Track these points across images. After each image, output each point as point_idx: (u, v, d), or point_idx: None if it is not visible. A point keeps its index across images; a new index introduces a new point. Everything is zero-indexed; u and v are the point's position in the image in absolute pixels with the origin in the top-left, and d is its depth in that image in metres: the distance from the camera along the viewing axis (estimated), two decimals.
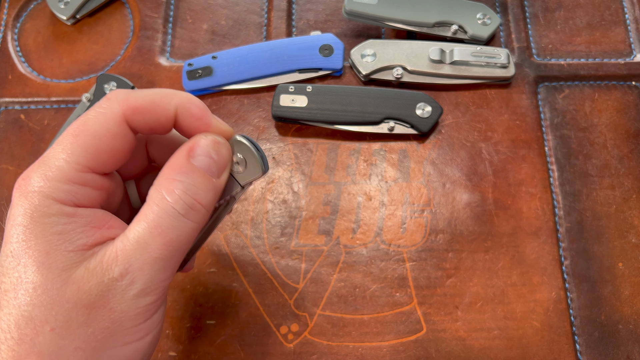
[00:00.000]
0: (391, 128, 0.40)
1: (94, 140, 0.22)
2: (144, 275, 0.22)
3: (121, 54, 0.44)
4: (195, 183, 0.23)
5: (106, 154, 0.23)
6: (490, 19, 0.42)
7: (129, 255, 0.22)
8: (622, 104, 0.41)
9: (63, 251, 0.21)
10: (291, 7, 0.45)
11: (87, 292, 0.21)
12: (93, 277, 0.22)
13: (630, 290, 0.36)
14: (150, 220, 0.22)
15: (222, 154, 0.24)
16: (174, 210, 0.22)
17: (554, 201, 0.39)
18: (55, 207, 0.22)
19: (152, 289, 0.23)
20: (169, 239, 0.22)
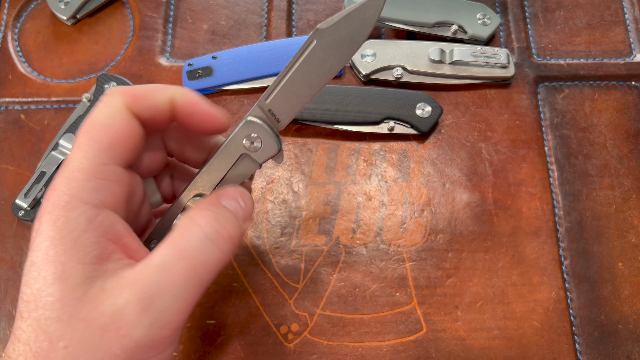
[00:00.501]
0: (391, 128, 0.40)
1: (105, 130, 0.23)
2: (163, 302, 0.21)
3: (121, 54, 0.44)
4: (225, 215, 0.24)
5: (120, 141, 0.23)
6: (490, 19, 0.42)
7: (150, 278, 0.21)
8: (622, 104, 0.41)
9: (77, 263, 0.21)
10: (291, 7, 0.45)
11: (101, 313, 0.21)
12: (109, 297, 0.21)
13: (630, 290, 0.36)
14: (178, 243, 0.22)
15: (248, 203, 0.25)
16: (202, 234, 0.22)
17: (554, 201, 0.39)
18: (80, 208, 0.22)
19: (168, 320, 0.22)
20: (193, 263, 0.22)
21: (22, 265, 0.38)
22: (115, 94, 0.24)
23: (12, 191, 0.40)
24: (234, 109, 0.42)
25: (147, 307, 0.21)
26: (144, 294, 0.21)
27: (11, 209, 0.39)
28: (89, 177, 0.22)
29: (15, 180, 0.40)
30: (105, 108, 0.24)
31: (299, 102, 0.24)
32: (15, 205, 0.38)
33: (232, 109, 0.42)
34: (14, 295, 0.37)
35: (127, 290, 0.21)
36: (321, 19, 0.45)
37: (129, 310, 0.21)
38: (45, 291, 0.21)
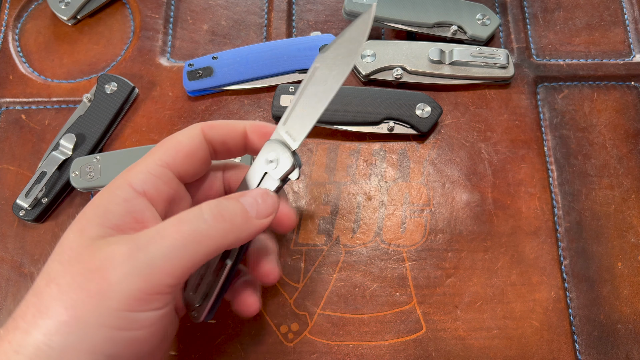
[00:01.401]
0: (391, 128, 0.40)
1: (175, 144, 0.28)
2: (148, 254, 0.23)
3: (122, 54, 0.44)
4: (230, 206, 0.26)
5: (182, 155, 0.27)
6: (490, 20, 0.42)
7: (144, 235, 0.24)
8: (621, 104, 0.42)
9: (97, 223, 0.24)
10: (291, 7, 0.45)
11: (95, 257, 0.23)
12: (106, 246, 0.23)
13: (629, 290, 0.36)
14: (177, 215, 0.25)
15: (267, 202, 0.27)
16: (199, 212, 0.25)
17: (553, 201, 0.39)
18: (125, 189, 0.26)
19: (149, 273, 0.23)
20: (185, 229, 0.24)
21: (23, 265, 0.38)
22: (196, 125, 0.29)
23: (12, 191, 0.40)
24: (234, 109, 0.42)
25: (131, 255, 0.23)
26: (134, 245, 0.23)
27: (12, 208, 0.39)
28: (144, 169, 0.27)
29: (16, 180, 0.40)
30: (185, 133, 0.28)
31: (309, 122, 0.27)
32: (15, 205, 0.38)
33: (232, 109, 0.42)
34: (14, 295, 0.37)
35: (124, 243, 0.24)
36: (321, 19, 0.45)
37: (116, 256, 0.23)
38: (67, 240, 0.25)
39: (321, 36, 0.42)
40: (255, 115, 0.42)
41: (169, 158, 0.27)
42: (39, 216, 0.38)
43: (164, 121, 0.42)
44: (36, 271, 0.38)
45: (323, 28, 0.45)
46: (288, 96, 0.40)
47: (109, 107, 0.41)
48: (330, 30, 0.44)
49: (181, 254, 0.24)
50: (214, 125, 0.29)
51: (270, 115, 0.41)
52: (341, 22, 0.45)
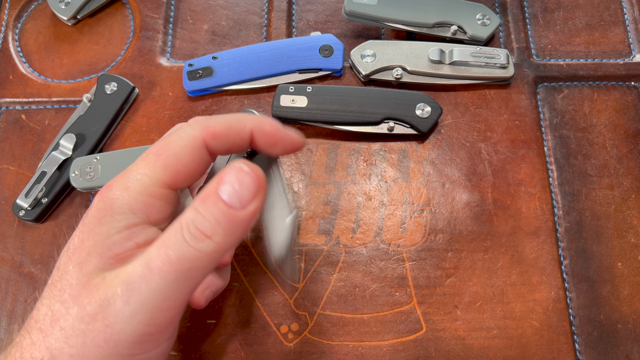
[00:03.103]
0: (391, 128, 0.40)
1: (174, 161, 0.24)
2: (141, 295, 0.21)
3: (122, 54, 0.44)
4: (207, 215, 0.23)
5: (183, 174, 0.25)
6: (490, 20, 0.42)
7: (134, 271, 0.22)
8: (621, 104, 0.42)
9: (97, 254, 0.23)
10: (291, 7, 0.45)
11: (92, 301, 0.22)
12: (103, 287, 0.22)
13: (629, 290, 0.36)
14: (160, 240, 0.23)
15: (245, 184, 0.23)
16: (180, 235, 0.22)
17: (553, 201, 0.39)
18: (126, 215, 0.23)
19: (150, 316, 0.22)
20: (171, 259, 0.22)
21: (23, 265, 0.38)
22: (196, 127, 0.25)
23: (12, 191, 0.40)
24: (234, 109, 0.42)
25: (129, 299, 0.21)
26: (127, 287, 0.22)
27: (12, 208, 0.39)
28: (144, 192, 0.24)
29: (16, 180, 0.40)
30: (182, 140, 0.25)
31: None
32: (15, 205, 0.38)
33: (232, 109, 0.42)
34: (14, 295, 0.37)
35: (118, 282, 0.22)
36: (321, 19, 0.45)
37: (114, 301, 0.22)
38: (66, 274, 0.23)
39: (321, 36, 0.42)
40: None
41: (168, 179, 0.24)
42: (39, 216, 0.38)
43: (164, 121, 0.42)
44: (36, 271, 0.38)
45: (323, 28, 0.44)
46: (288, 96, 0.40)
47: (109, 107, 0.41)
48: (330, 30, 0.44)
49: (175, 286, 0.22)
50: (217, 134, 0.25)
51: (270, 115, 0.41)
52: (341, 22, 0.45)
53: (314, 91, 0.40)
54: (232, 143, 0.26)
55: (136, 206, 0.24)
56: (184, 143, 0.25)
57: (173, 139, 0.25)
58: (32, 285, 0.37)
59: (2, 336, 0.36)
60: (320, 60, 0.42)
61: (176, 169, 0.24)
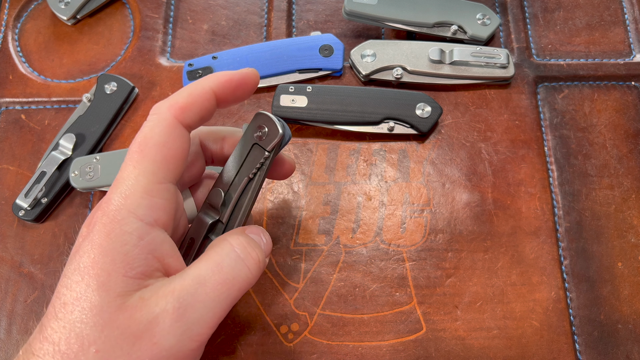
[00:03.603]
0: (391, 128, 0.40)
1: (159, 149, 0.24)
2: (195, 313, 0.22)
3: (122, 54, 0.44)
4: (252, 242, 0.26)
5: (173, 159, 0.24)
6: (490, 19, 0.42)
7: (186, 289, 0.23)
8: (622, 104, 0.41)
9: (123, 275, 0.22)
10: (291, 7, 0.45)
11: (137, 321, 0.22)
12: (146, 306, 0.22)
13: (629, 290, 0.36)
14: (213, 259, 0.24)
15: (268, 240, 0.27)
16: (235, 253, 0.24)
17: (554, 201, 0.39)
18: (134, 224, 0.23)
19: (198, 332, 0.23)
20: (226, 277, 0.23)
21: (23, 265, 0.38)
22: (162, 110, 0.25)
23: (12, 191, 0.40)
24: (234, 109, 0.42)
25: (181, 316, 0.22)
26: (179, 303, 0.22)
27: (12, 208, 0.39)
28: (145, 195, 0.23)
29: (16, 180, 0.40)
30: (156, 127, 0.24)
31: None
32: (15, 205, 0.38)
33: (233, 109, 0.42)
34: (14, 295, 0.37)
35: (164, 300, 0.22)
36: (321, 19, 0.45)
37: (163, 318, 0.22)
38: (86, 296, 0.21)
39: (321, 36, 0.42)
40: None
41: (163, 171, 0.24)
42: (39, 216, 0.38)
43: None
44: (35, 271, 0.38)
45: (323, 28, 0.44)
46: (288, 96, 0.40)
47: (109, 107, 0.41)
48: (330, 30, 0.44)
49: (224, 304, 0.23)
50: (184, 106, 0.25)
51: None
52: (341, 22, 0.45)
53: (314, 91, 0.40)
54: (201, 109, 0.25)
55: (142, 212, 0.23)
56: (159, 129, 0.24)
57: (147, 131, 0.24)
58: (31, 285, 0.37)
59: (2, 336, 0.36)
60: (320, 60, 0.42)
61: (164, 156, 0.24)
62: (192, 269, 0.24)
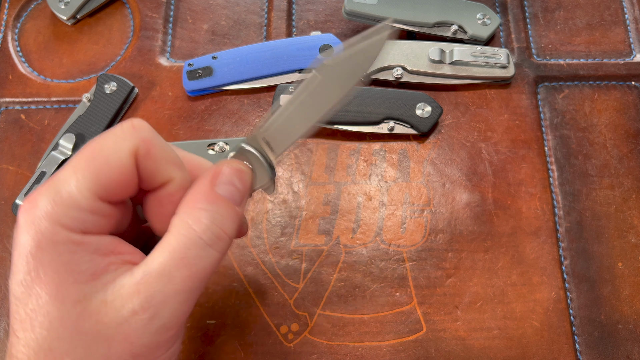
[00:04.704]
0: (391, 128, 0.40)
1: (106, 169, 0.21)
2: (167, 309, 0.21)
3: (121, 54, 0.44)
4: (221, 212, 0.22)
5: (115, 186, 0.22)
6: (490, 19, 0.42)
7: (152, 287, 0.21)
8: (622, 104, 0.41)
9: (73, 283, 0.21)
10: (291, 7, 0.45)
11: (106, 325, 0.21)
12: (111, 309, 0.21)
13: (629, 290, 0.36)
14: (176, 250, 0.22)
15: (245, 182, 0.23)
16: (201, 240, 0.22)
17: (554, 201, 0.39)
18: (63, 234, 0.21)
19: (174, 323, 0.22)
20: (195, 270, 0.22)
21: None
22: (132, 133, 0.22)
23: (12, 191, 0.40)
24: (233, 109, 0.42)
25: (153, 316, 0.21)
26: (148, 303, 0.21)
27: (11, 208, 0.39)
28: (75, 207, 0.21)
29: (16, 180, 0.40)
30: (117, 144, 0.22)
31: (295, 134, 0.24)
32: (15, 205, 0.38)
33: (232, 109, 0.42)
34: None
35: (130, 301, 0.21)
36: (321, 19, 0.45)
37: (135, 320, 0.21)
38: (41, 311, 0.20)
39: (321, 36, 0.42)
40: (255, 115, 0.42)
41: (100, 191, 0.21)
42: None
43: (164, 121, 0.41)
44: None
45: (323, 28, 0.44)
46: (288, 96, 0.40)
47: (109, 107, 0.41)
48: (330, 29, 0.44)
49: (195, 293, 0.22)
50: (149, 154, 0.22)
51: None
52: (341, 21, 0.44)
53: None
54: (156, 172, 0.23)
55: (69, 222, 0.21)
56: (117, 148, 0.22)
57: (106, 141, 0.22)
58: None
59: (2, 336, 0.36)
60: None
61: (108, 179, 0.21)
62: (154, 261, 0.21)
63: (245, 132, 0.41)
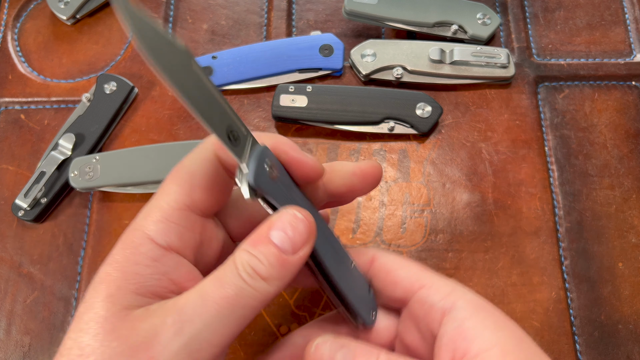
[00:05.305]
0: (391, 128, 0.40)
1: (188, 177, 0.24)
2: (194, 327, 0.21)
3: (121, 54, 0.44)
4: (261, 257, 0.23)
5: (199, 190, 0.24)
6: (490, 19, 0.42)
7: (187, 303, 0.22)
8: (622, 104, 0.41)
9: (132, 292, 0.22)
10: (291, 7, 0.45)
11: (137, 332, 0.21)
12: (148, 318, 0.21)
13: (630, 290, 0.36)
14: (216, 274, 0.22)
15: (299, 230, 0.23)
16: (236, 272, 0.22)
17: (554, 201, 0.39)
18: (148, 246, 0.23)
19: (197, 348, 0.21)
20: (228, 293, 0.22)
21: (22, 266, 0.38)
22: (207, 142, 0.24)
23: (12, 191, 0.40)
24: (234, 108, 0.42)
25: (179, 331, 0.21)
26: (179, 317, 0.21)
27: (11, 209, 0.39)
28: (162, 219, 0.23)
29: (15, 180, 0.40)
30: (194, 154, 0.24)
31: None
32: (15, 205, 0.38)
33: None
34: (13, 295, 0.37)
35: (167, 313, 0.22)
36: (321, 18, 0.45)
37: (162, 331, 0.21)
38: (93, 307, 0.22)
39: (321, 36, 0.42)
40: (255, 115, 0.41)
41: (185, 197, 0.24)
42: (38, 216, 0.38)
43: (164, 121, 0.41)
44: (35, 271, 0.37)
45: (323, 27, 0.44)
46: (288, 96, 0.40)
47: (109, 107, 0.41)
48: (330, 29, 0.44)
49: (227, 322, 0.22)
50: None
51: (270, 115, 0.41)
52: (341, 21, 0.44)
53: (314, 91, 0.40)
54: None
55: (154, 235, 0.23)
56: (195, 158, 0.24)
57: (187, 157, 0.24)
58: (31, 286, 0.37)
59: (1, 336, 0.36)
60: (320, 60, 0.41)
61: (191, 185, 0.24)
62: (200, 284, 0.22)
63: None
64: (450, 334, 0.24)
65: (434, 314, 0.25)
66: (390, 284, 0.27)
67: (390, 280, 0.27)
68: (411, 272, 0.26)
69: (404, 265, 0.27)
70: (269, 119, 0.41)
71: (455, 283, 0.26)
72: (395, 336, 0.28)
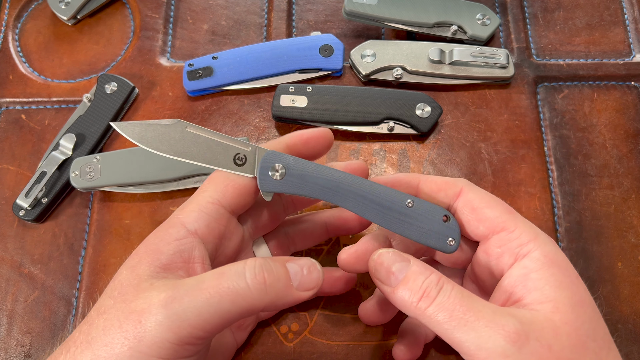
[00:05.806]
0: (391, 128, 0.40)
1: (223, 180, 0.28)
2: (181, 305, 0.23)
3: (122, 54, 0.44)
4: (272, 269, 0.25)
5: (231, 190, 0.28)
6: (490, 20, 0.42)
7: (185, 284, 0.24)
8: (621, 104, 0.42)
9: (148, 263, 0.25)
10: (291, 7, 0.45)
11: (138, 300, 0.24)
12: (151, 290, 0.24)
13: (629, 290, 0.36)
14: (222, 267, 0.25)
15: (312, 275, 0.26)
16: (242, 269, 0.25)
17: (553, 201, 0.39)
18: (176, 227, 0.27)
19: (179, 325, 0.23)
20: (223, 284, 0.24)
21: (23, 265, 0.38)
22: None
23: (12, 191, 0.40)
24: (234, 109, 0.42)
25: (167, 304, 0.23)
26: (172, 293, 0.24)
27: (12, 208, 0.39)
28: (196, 207, 0.28)
29: (16, 180, 0.40)
30: None
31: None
32: (15, 205, 0.38)
33: (232, 109, 0.42)
34: (14, 295, 0.37)
35: (165, 287, 0.24)
36: (321, 19, 0.45)
37: (153, 302, 0.23)
38: (120, 274, 0.26)
39: (321, 36, 0.42)
40: (256, 115, 0.42)
41: (219, 195, 0.28)
42: (39, 216, 0.38)
43: None
44: (35, 271, 0.38)
45: (323, 28, 0.44)
46: (288, 96, 0.40)
47: (109, 107, 0.41)
48: (330, 30, 0.44)
49: (213, 310, 0.24)
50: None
51: (270, 115, 0.41)
52: (341, 21, 0.45)
53: (314, 91, 0.40)
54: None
55: (187, 219, 0.27)
56: None
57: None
58: (31, 285, 0.37)
59: (2, 336, 0.36)
60: (320, 60, 0.42)
61: (224, 185, 0.28)
62: (204, 273, 0.25)
63: (246, 132, 0.41)
64: (514, 279, 0.26)
65: (508, 258, 0.26)
66: (474, 220, 0.28)
67: (474, 217, 0.28)
68: (496, 213, 0.27)
69: (490, 204, 0.28)
70: (269, 119, 0.41)
71: (538, 231, 0.27)
72: (469, 262, 0.30)
